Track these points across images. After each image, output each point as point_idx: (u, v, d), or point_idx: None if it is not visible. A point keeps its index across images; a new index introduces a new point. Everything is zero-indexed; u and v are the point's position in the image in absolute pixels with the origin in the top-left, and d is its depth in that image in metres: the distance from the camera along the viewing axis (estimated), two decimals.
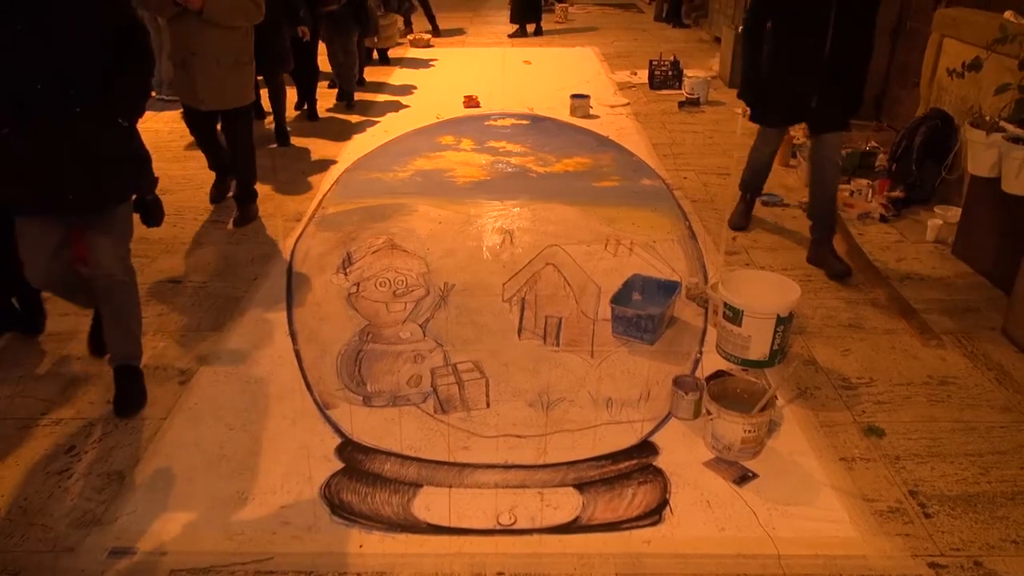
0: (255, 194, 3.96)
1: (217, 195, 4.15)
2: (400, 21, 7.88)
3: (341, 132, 5.45)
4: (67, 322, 3.01)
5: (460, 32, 9.37)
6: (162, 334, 2.94)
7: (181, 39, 3.51)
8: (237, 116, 3.73)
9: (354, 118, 5.77)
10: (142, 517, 2.09)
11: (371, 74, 6.91)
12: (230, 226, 3.76)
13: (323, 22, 5.42)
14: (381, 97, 6.18)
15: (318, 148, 5.12)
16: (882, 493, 2.17)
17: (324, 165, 4.82)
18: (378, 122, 5.71)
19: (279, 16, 4.52)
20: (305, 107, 5.65)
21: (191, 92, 3.60)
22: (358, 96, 6.16)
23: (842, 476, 2.23)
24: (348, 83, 5.89)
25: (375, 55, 7.39)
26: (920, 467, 2.26)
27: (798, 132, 5.00)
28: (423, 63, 7.58)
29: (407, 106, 6.15)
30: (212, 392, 2.59)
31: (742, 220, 3.82)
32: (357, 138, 5.37)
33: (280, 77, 4.85)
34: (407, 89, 6.64)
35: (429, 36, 8.79)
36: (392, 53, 7.72)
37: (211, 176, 4.23)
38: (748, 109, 3.57)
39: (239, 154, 3.85)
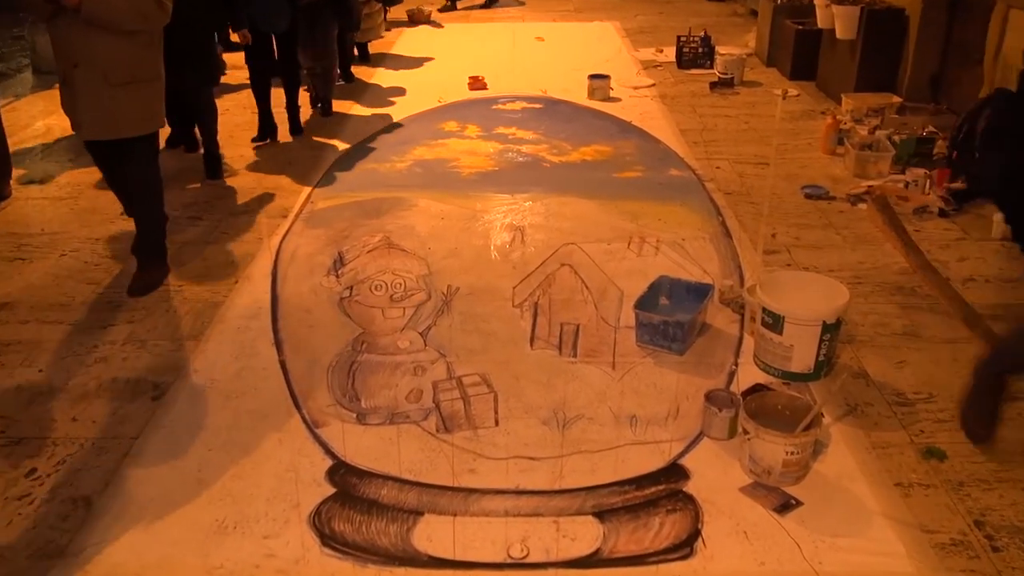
0: (162, 251, 3.42)
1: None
2: (383, 12, 7.22)
3: (330, 120, 5.47)
4: (28, 331, 3.03)
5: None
6: (133, 344, 2.96)
7: (61, 48, 3.01)
8: (132, 150, 3.16)
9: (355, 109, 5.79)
10: (111, 548, 2.09)
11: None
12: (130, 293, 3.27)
13: (298, 15, 4.84)
14: (357, 110, 5.62)
15: (305, 135, 5.14)
16: (943, 523, 2.15)
17: (312, 155, 4.84)
18: (369, 113, 5.72)
19: (203, 17, 4.03)
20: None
21: (72, 115, 3.09)
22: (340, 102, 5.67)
23: (898, 504, 2.21)
24: (325, 87, 5.44)
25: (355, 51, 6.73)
26: (987, 494, 2.24)
27: (845, 116, 4.98)
28: (415, 63, 6.87)
29: (403, 89, 6.17)
30: (189, 409, 2.61)
31: (984, 426, 2.37)
32: (349, 125, 5.39)
33: (209, 94, 4.36)
34: (397, 85, 6.65)
35: (431, 10, 8.82)
36: (374, 48, 7.06)
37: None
38: (788, 91, 3.55)
39: (135, 199, 3.32)
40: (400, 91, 6.16)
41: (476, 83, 6.15)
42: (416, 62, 6.90)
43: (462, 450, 2.41)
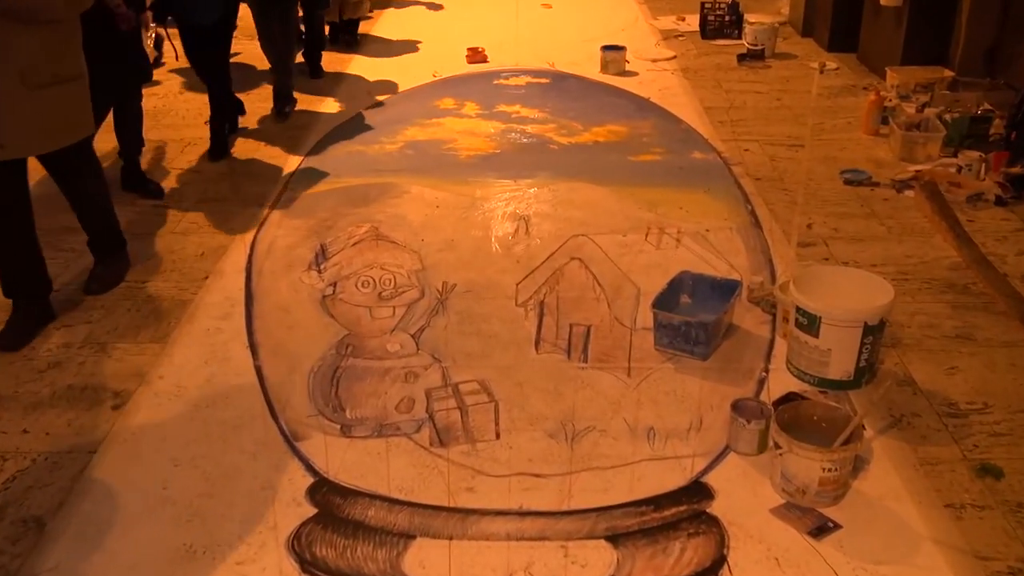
0: (120, 242, 3.39)
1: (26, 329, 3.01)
2: None
3: (315, 92, 5.48)
4: None
5: None
6: (91, 346, 2.96)
7: None
8: (69, 160, 3.00)
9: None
10: (67, 574, 2.09)
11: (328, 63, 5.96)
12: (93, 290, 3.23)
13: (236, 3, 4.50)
14: (325, 107, 5.26)
15: (283, 123, 5.15)
16: (1000, 550, 2.14)
17: (292, 136, 4.84)
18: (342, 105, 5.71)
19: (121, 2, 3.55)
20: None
21: None
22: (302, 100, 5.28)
23: (948, 528, 2.20)
24: (285, 80, 5.06)
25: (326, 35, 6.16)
26: None
27: (889, 92, 4.97)
28: (406, 49, 6.51)
29: (393, 62, 6.16)
30: (153, 419, 2.61)
31: None
32: (333, 101, 5.39)
33: (137, 98, 4.04)
34: (385, 57, 6.64)
35: None
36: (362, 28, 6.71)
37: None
38: (826, 64, 3.55)
39: (85, 208, 3.23)
40: (389, 64, 6.16)
41: (475, 55, 6.15)
42: (407, 46, 6.69)
43: (459, 466, 2.40)
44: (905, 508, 2.25)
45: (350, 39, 6.53)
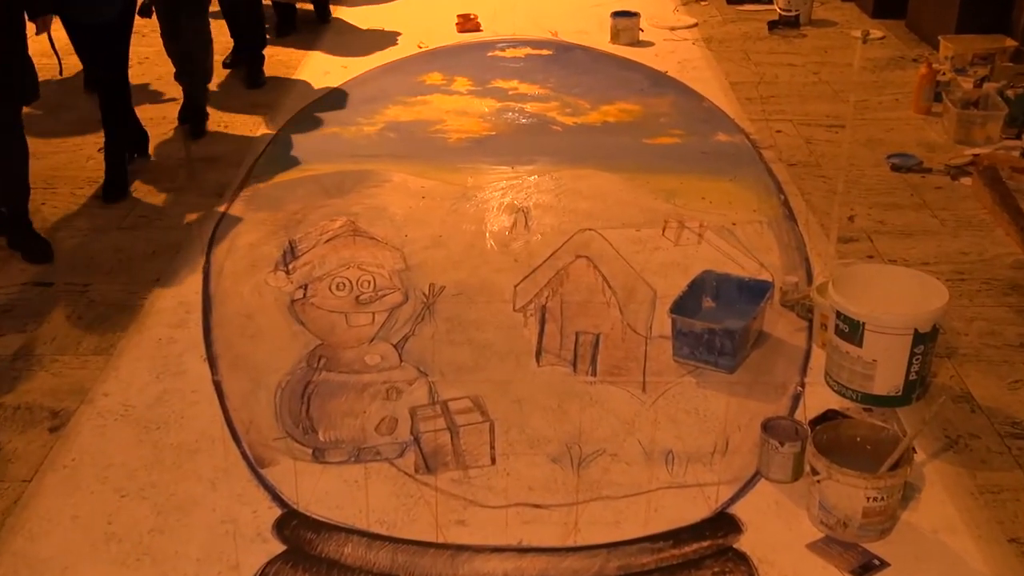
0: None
1: None
2: None
3: (281, 66, 5.48)
4: None
5: None
6: (26, 359, 2.96)
7: None
8: None
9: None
10: None
11: (274, 64, 5.45)
12: None
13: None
14: (294, 84, 5.23)
15: (246, 95, 5.15)
16: None
17: (255, 115, 4.84)
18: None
19: None
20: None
21: None
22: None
23: (1012, 565, 2.20)
24: (198, 89, 4.65)
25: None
26: None
27: (943, 65, 4.97)
28: (386, 16, 6.37)
29: (370, 31, 6.16)
30: (97, 443, 2.60)
31: None
32: (303, 77, 5.39)
33: (18, 123, 3.47)
34: (362, 25, 6.64)
35: None
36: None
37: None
38: (870, 32, 3.55)
39: None
40: (367, 34, 6.16)
41: (467, 23, 6.15)
42: (388, 12, 6.63)
43: (449, 496, 2.40)
44: (962, 543, 2.25)
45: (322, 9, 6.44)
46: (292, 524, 2.32)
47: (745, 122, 4.65)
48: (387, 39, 5.99)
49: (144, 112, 4.51)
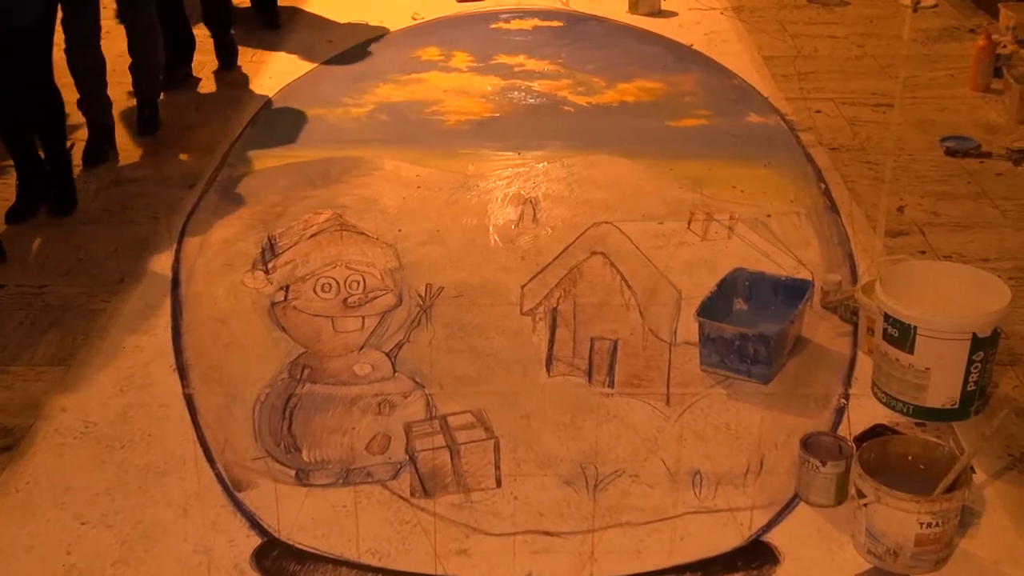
0: None
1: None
2: None
3: (261, 41, 5.49)
4: None
5: None
6: None
7: None
8: None
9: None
10: None
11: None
12: None
13: None
14: (274, 60, 5.32)
15: (220, 73, 5.16)
16: None
17: (230, 97, 4.85)
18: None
19: None
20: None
21: None
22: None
23: None
24: (150, 85, 4.54)
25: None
26: None
27: (1004, 36, 4.95)
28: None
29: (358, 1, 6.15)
30: (54, 464, 2.60)
31: None
32: (283, 52, 5.40)
33: None
34: None
35: None
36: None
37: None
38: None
39: None
40: (355, 4, 6.14)
41: None
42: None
43: (449, 522, 2.40)
44: None
45: None
46: (273, 554, 2.31)
47: (780, 101, 4.65)
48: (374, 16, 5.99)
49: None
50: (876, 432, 2.52)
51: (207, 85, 5.01)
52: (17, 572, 2.29)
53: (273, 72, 5.15)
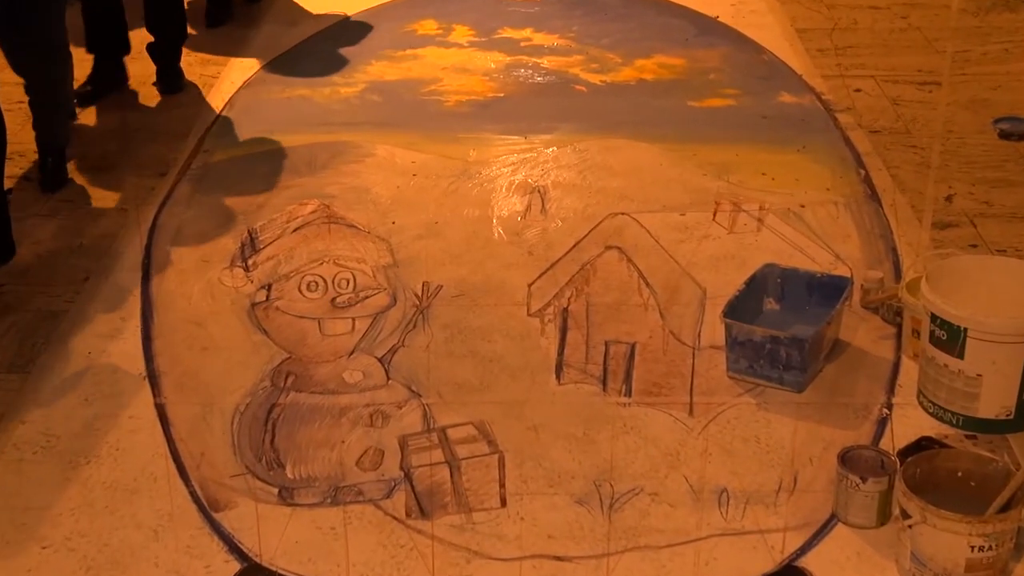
0: None
1: None
2: None
3: (239, 14, 5.49)
4: None
5: None
6: None
7: None
8: None
9: None
10: None
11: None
12: None
13: None
14: (254, 35, 5.51)
15: (193, 51, 5.17)
16: None
17: (205, 75, 4.85)
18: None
19: None
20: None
21: None
22: None
23: None
24: (53, 130, 4.04)
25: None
26: None
27: None
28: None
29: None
30: (12, 482, 2.61)
31: None
32: (264, 25, 5.40)
33: None
34: None
35: None
36: None
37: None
38: None
39: None
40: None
41: None
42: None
43: (448, 545, 2.40)
44: None
45: None
46: None
47: (816, 79, 4.64)
48: None
49: None
50: (922, 445, 2.51)
51: (182, 62, 5.00)
52: None
53: (253, 47, 5.15)
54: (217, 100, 4.62)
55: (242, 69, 4.93)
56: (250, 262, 3.42)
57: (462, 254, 3.47)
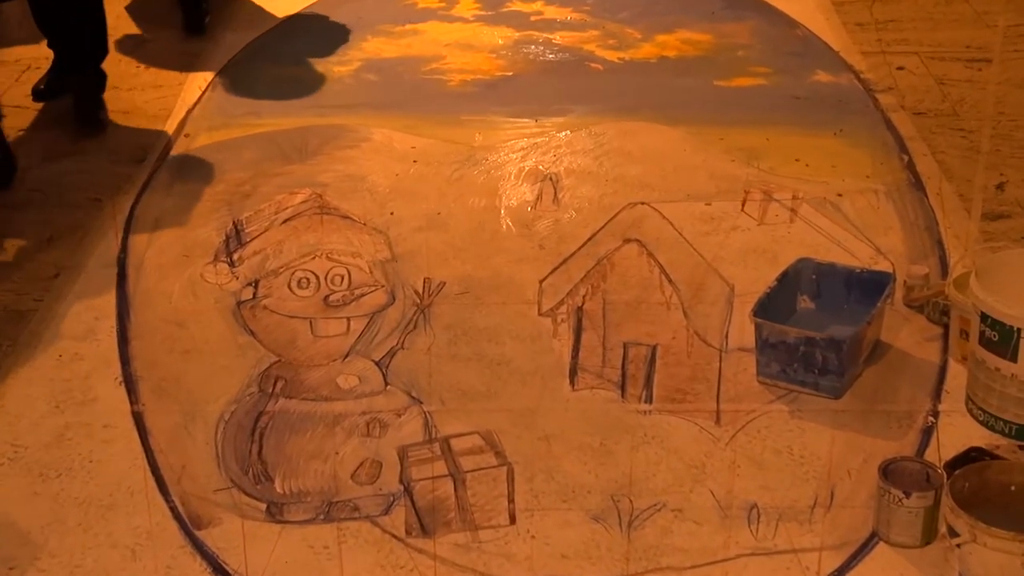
0: None
1: None
2: None
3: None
4: None
5: None
6: None
7: None
8: None
9: None
10: None
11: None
12: None
13: None
14: (240, 7, 5.67)
15: (172, 25, 5.17)
16: None
17: (187, 53, 4.86)
18: None
19: None
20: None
21: None
22: None
23: None
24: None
25: None
26: None
27: None
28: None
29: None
30: None
31: None
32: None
33: None
34: None
35: None
36: None
37: None
38: None
39: None
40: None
41: None
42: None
43: (452, 566, 2.40)
44: None
45: None
46: None
47: (854, 56, 4.64)
48: None
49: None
50: (971, 457, 2.50)
51: (161, 40, 5.00)
52: None
53: (239, 22, 5.16)
54: (199, 80, 4.63)
55: (227, 48, 4.93)
56: (235, 257, 3.42)
57: (467, 248, 3.47)
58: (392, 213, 3.63)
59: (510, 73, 4.61)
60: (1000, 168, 3.80)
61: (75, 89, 4.28)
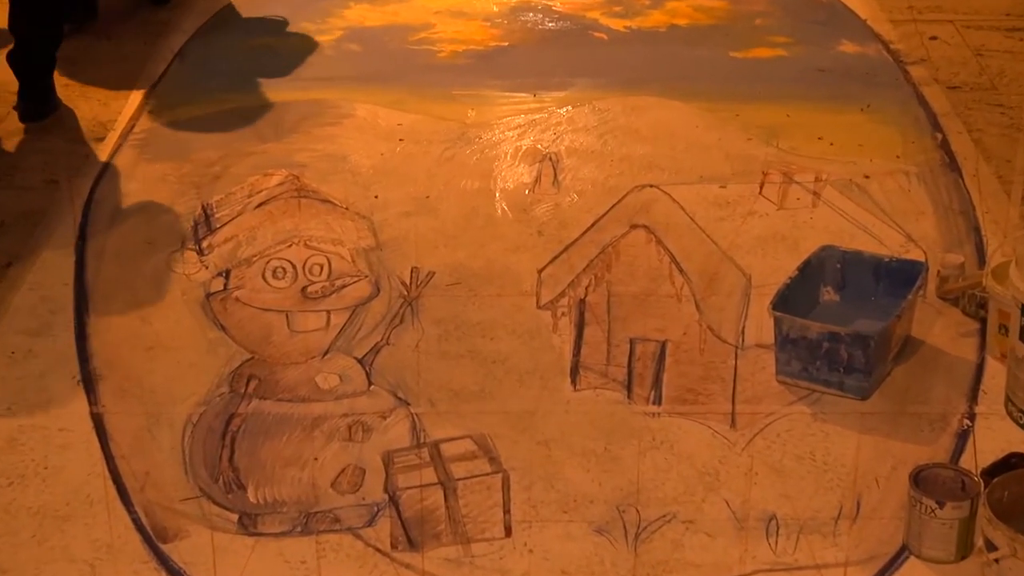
0: None
1: None
2: None
3: None
4: None
5: None
6: None
7: None
8: None
9: None
10: None
11: None
12: None
13: None
14: None
15: None
16: None
17: (151, 20, 4.85)
18: None
19: None
20: None
21: None
22: None
23: None
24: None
25: None
26: None
27: None
28: None
29: None
30: None
31: None
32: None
33: None
34: None
35: None
36: None
37: None
38: None
39: None
40: None
41: None
42: None
43: None
44: None
45: None
46: None
47: (883, 24, 4.64)
48: None
49: None
50: (1011, 463, 2.51)
51: (122, 12, 5.00)
52: None
53: None
54: (165, 50, 4.62)
55: (197, 15, 4.93)
56: (204, 244, 3.42)
57: (458, 235, 3.47)
58: (376, 196, 3.63)
59: (506, 43, 4.61)
60: None
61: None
